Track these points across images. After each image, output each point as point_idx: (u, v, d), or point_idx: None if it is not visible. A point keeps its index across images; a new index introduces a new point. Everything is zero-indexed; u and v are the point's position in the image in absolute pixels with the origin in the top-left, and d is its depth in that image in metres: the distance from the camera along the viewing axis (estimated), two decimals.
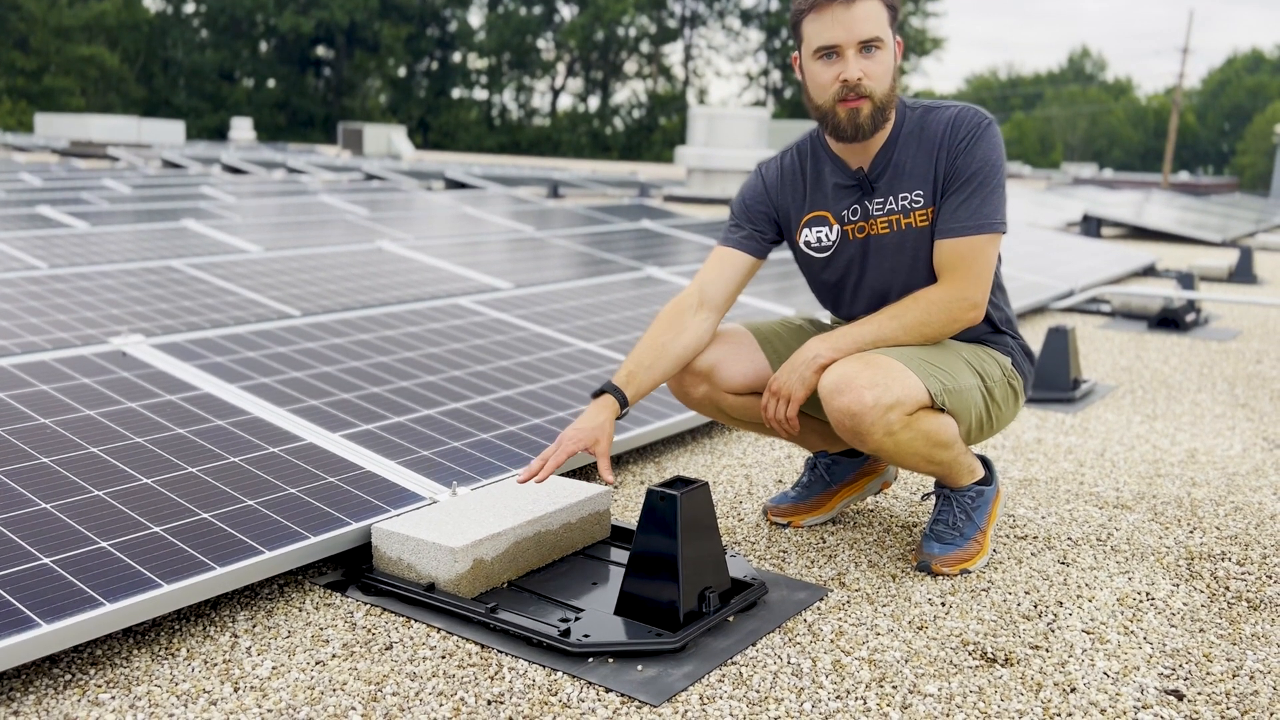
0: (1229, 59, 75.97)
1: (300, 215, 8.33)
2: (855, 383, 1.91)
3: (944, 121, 2.04)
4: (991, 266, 2.03)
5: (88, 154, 24.73)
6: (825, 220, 2.14)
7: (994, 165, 2.01)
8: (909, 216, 2.06)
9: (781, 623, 1.86)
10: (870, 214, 2.09)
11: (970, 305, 2.03)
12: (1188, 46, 39.84)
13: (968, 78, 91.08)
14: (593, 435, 1.96)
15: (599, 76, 66.62)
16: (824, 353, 2.02)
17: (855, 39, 1.93)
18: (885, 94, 1.98)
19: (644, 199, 14.45)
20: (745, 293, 4.51)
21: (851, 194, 2.10)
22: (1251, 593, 2.06)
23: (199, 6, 63.16)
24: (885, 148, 2.06)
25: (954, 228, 2.01)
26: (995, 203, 2.01)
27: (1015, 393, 2.17)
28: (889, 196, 2.07)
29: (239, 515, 1.94)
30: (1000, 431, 2.24)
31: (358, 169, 17.89)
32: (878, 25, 1.94)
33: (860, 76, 1.94)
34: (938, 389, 1.96)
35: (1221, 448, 3.12)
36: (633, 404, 2.07)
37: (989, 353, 2.15)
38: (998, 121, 2.23)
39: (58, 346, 3.18)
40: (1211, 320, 5.78)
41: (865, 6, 1.93)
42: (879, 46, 1.95)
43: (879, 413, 1.90)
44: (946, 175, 2.03)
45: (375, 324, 3.24)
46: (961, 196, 2.01)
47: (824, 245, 2.15)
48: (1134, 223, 11.54)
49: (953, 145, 2.02)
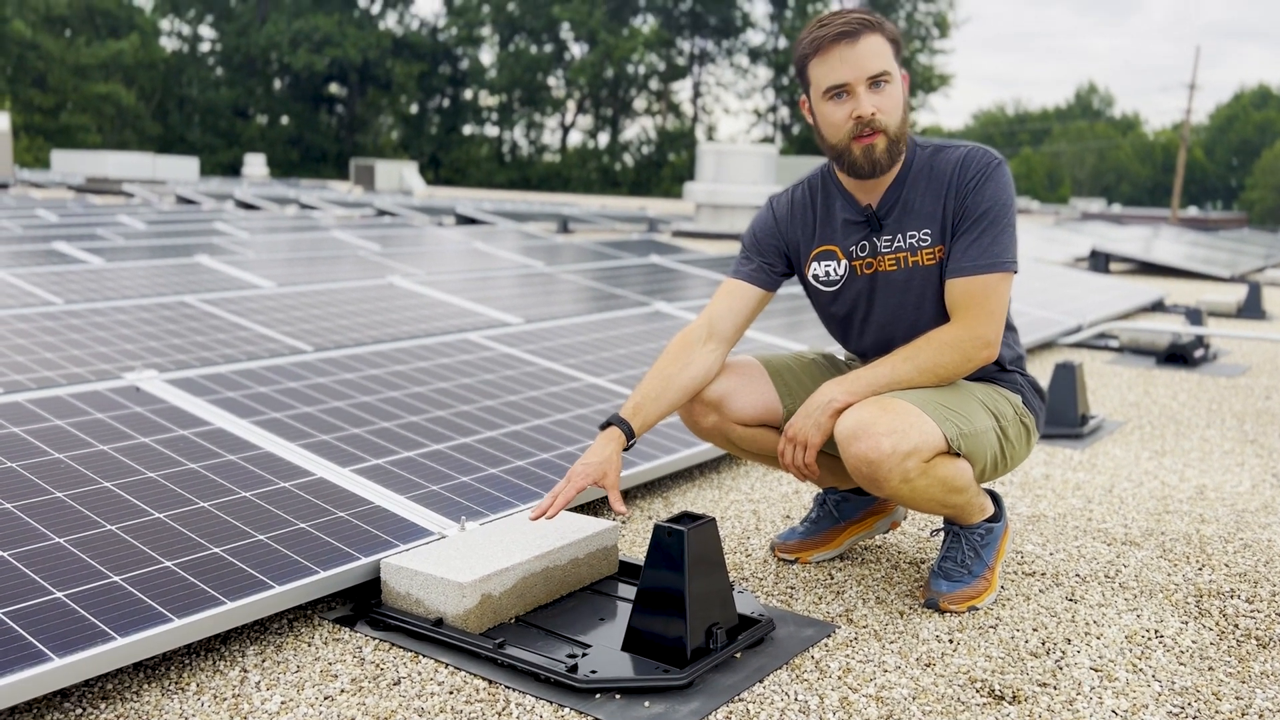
0: (1236, 94, 76.25)
1: (312, 251, 8.40)
2: (873, 430, 1.90)
3: (954, 161, 2.05)
4: (1004, 305, 2.03)
5: (103, 190, 25.00)
6: (833, 255, 2.15)
7: (1004, 205, 2.02)
8: (916, 255, 2.08)
9: (789, 659, 1.86)
10: (878, 251, 2.11)
11: (984, 344, 2.03)
12: (1195, 82, 40.02)
13: (975, 113, 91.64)
14: (600, 469, 1.99)
15: (609, 113, 67.20)
16: (839, 397, 2.02)
17: (864, 75, 1.96)
18: (898, 127, 2.00)
19: (653, 234, 14.53)
20: (754, 327, 4.53)
21: (860, 230, 2.12)
22: (1261, 630, 2.06)
23: (214, 45, 64.07)
24: (894, 185, 2.08)
25: (965, 266, 2.02)
26: (1006, 242, 2.02)
27: (1028, 430, 2.18)
28: (897, 234, 2.08)
29: (250, 550, 1.96)
30: (1013, 469, 2.24)
31: (370, 205, 18.04)
32: (885, 60, 1.97)
33: (874, 111, 1.97)
34: (954, 434, 1.96)
35: (1230, 484, 3.12)
36: (639, 435, 2.09)
37: (1000, 391, 2.15)
38: (1006, 157, 2.26)
39: (72, 382, 3.22)
40: (1220, 356, 5.77)
41: (870, 42, 1.96)
42: (888, 80, 1.98)
43: (896, 460, 1.89)
44: (956, 215, 2.04)
45: (386, 359, 3.26)
46: (972, 236, 2.02)
47: (832, 279, 2.17)
48: (1142, 258, 11.55)
49: (962, 185, 2.03)
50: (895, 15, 61.56)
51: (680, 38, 64.53)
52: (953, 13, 79.11)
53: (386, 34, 63.01)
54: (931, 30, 63.19)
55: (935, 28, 63.21)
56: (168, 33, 63.29)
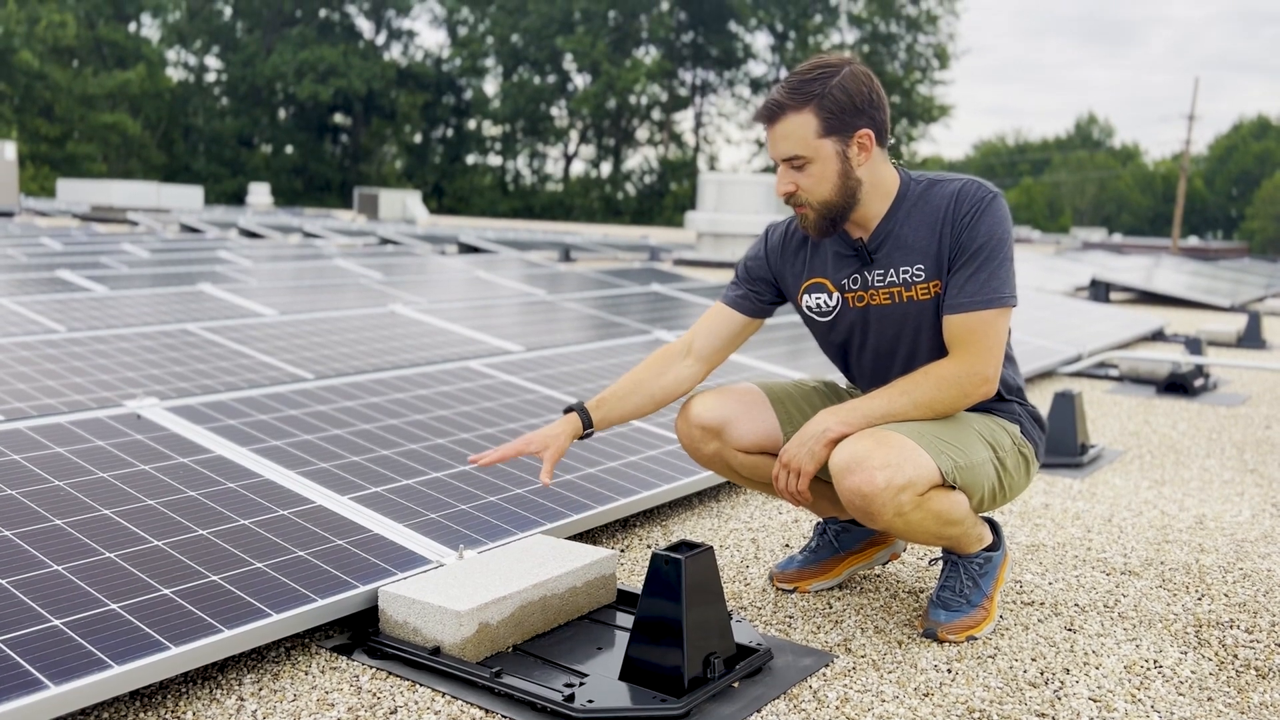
0: (1235, 125, 76.63)
1: (315, 279, 8.44)
2: (867, 463, 1.91)
3: (948, 195, 2.05)
4: (1003, 340, 2.03)
5: (108, 219, 25.14)
6: (824, 287, 2.17)
7: (1000, 239, 2.02)
8: (910, 290, 2.08)
9: (787, 689, 1.86)
10: (870, 284, 2.11)
11: (982, 380, 2.03)
12: (1194, 113, 40.26)
13: (976, 144, 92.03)
14: (544, 441, 2.12)
15: (611, 143, 67.61)
16: (833, 427, 2.03)
17: (779, 157, 2.02)
18: (824, 201, 2.02)
19: (654, 263, 14.58)
20: (756, 356, 4.55)
21: (851, 263, 2.13)
22: (1260, 661, 2.05)
23: (220, 75, 64.63)
24: (886, 219, 2.09)
25: (963, 302, 2.02)
26: (1003, 276, 2.02)
27: (1026, 460, 2.17)
28: (889, 269, 2.09)
29: (248, 578, 1.96)
30: (1013, 500, 2.24)
31: (373, 233, 18.13)
32: (797, 144, 1.98)
33: (790, 190, 2.02)
34: (949, 467, 1.96)
35: (1230, 514, 3.11)
36: (599, 428, 2.20)
37: (998, 422, 2.15)
38: (1007, 187, 2.28)
39: (73, 409, 3.23)
40: (1220, 385, 5.77)
41: (784, 126, 1.99)
42: (804, 161, 2.00)
43: (890, 494, 1.90)
44: (952, 250, 2.04)
45: (386, 387, 3.27)
46: (969, 271, 2.02)
47: (824, 310, 2.19)
48: (1143, 287, 11.58)
49: (957, 219, 2.03)
50: (895, 46, 62.10)
51: (682, 69, 65.06)
52: (952, 44, 79.68)
53: (391, 64, 63.55)
54: (932, 61, 63.67)
55: (935, 59, 63.69)
56: (174, 63, 63.89)
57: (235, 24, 63.46)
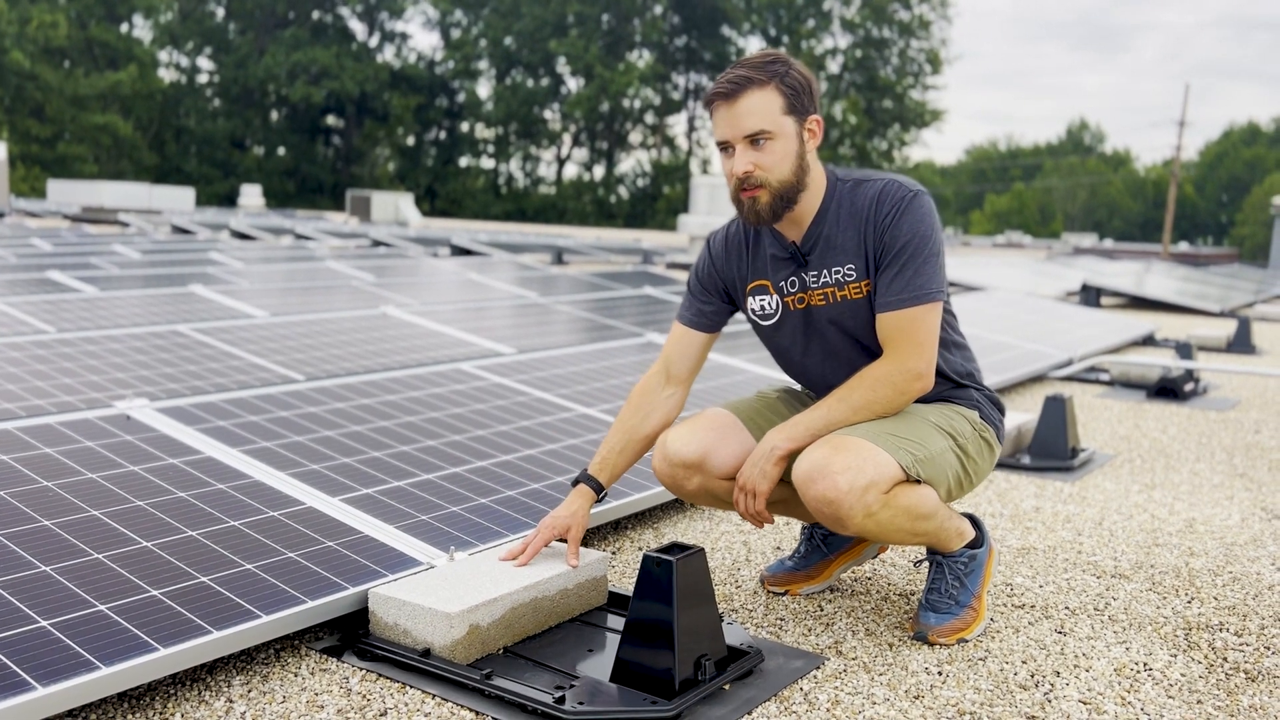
0: (1226, 132, 77.04)
1: (307, 281, 8.42)
2: (828, 469, 1.92)
3: (870, 197, 2.06)
4: (934, 335, 2.04)
5: (99, 220, 25.05)
6: (766, 290, 2.18)
7: (923, 236, 2.02)
8: (844, 289, 2.09)
9: (777, 691, 1.86)
10: (807, 286, 2.12)
11: (915, 376, 2.04)
12: (1185, 119, 40.44)
13: (968, 149, 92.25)
14: (566, 523, 2.14)
15: (604, 146, 67.66)
16: (780, 444, 2.04)
17: (741, 134, 1.98)
18: (783, 180, 2.00)
19: (647, 266, 14.59)
20: (736, 356, 4.55)
21: (787, 266, 2.14)
22: (1250, 664, 2.05)
23: (212, 77, 64.50)
24: (816, 221, 2.09)
25: (890, 301, 2.03)
26: (929, 272, 2.02)
27: (988, 444, 2.19)
28: (822, 269, 2.10)
29: (237, 579, 1.95)
30: (979, 484, 2.24)
31: (365, 235, 18.10)
32: (763, 118, 1.97)
33: (749, 169, 1.98)
34: (909, 461, 1.97)
35: (1220, 517, 3.12)
36: (608, 487, 2.20)
37: (955, 410, 2.16)
38: (998, 192, 2.28)
39: (62, 410, 3.21)
40: (1210, 390, 5.79)
41: (749, 100, 1.96)
42: (768, 137, 1.98)
43: (855, 495, 1.90)
44: (877, 250, 2.05)
45: (377, 388, 3.27)
46: (894, 270, 2.03)
47: (768, 313, 2.20)
48: (1133, 292, 11.62)
49: (879, 220, 2.04)
50: (888, 51, 62.24)
51: (675, 72, 65.16)
52: (945, 49, 79.87)
53: (384, 67, 63.49)
54: (924, 66, 63.84)
55: (928, 64, 63.88)
56: (166, 64, 63.75)
57: (228, 25, 63.39)
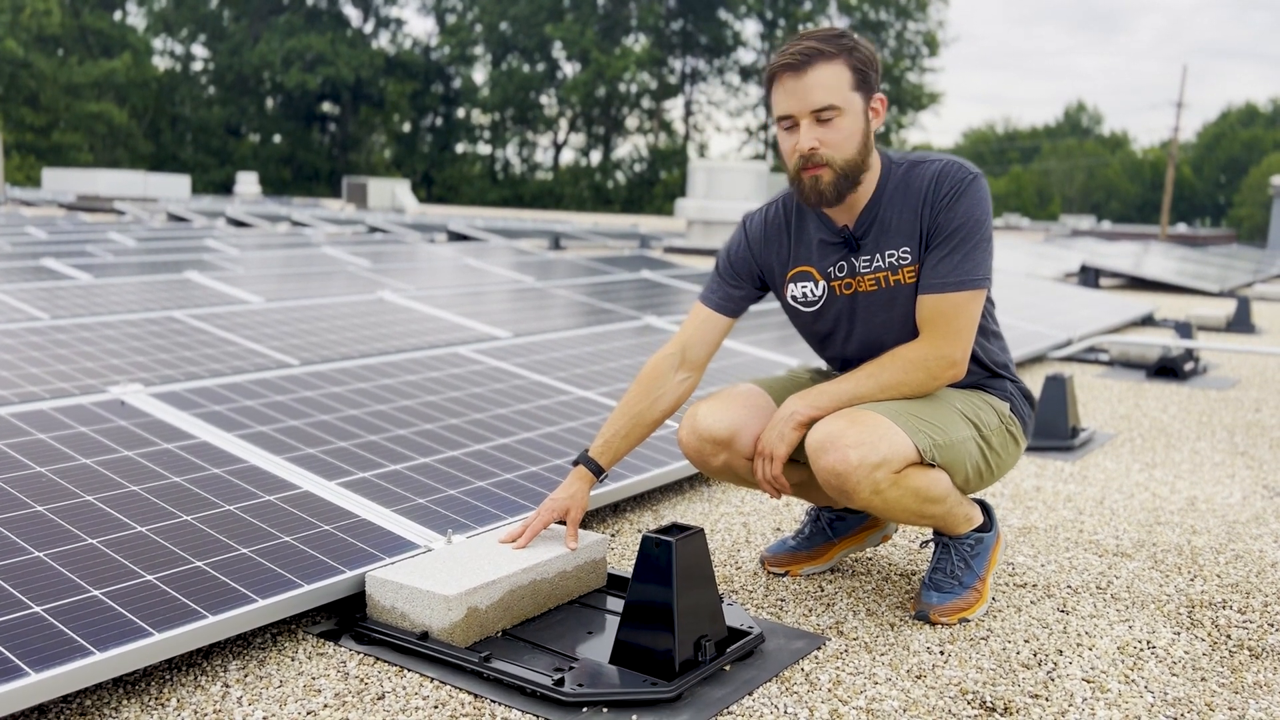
0: (1224, 113, 76.81)
1: (303, 267, 8.38)
2: (840, 441, 1.89)
3: (929, 176, 2.02)
4: (974, 322, 2.01)
5: (94, 208, 24.97)
6: (810, 276, 2.12)
7: (978, 220, 1.98)
8: (897, 273, 2.04)
9: (778, 672, 1.84)
10: (857, 271, 2.07)
11: (949, 363, 2.01)
12: (1182, 101, 40.31)
13: (965, 131, 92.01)
14: (565, 505, 2.11)
15: (601, 131, 67.44)
16: (801, 410, 2.01)
17: (808, 109, 1.92)
18: (848, 159, 1.95)
19: (645, 250, 14.55)
20: (747, 343, 4.53)
21: (837, 251, 2.08)
22: (1253, 641, 2.04)
23: (207, 64, 64.21)
24: (871, 204, 2.05)
25: (935, 283, 1.99)
26: (978, 258, 1.99)
27: (1015, 438, 2.15)
28: (875, 254, 2.05)
29: (233, 563, 1.93)
30: (1000, 478, 2.21)
31: (361, 222, 18.04)
32: (832, 92, 1.91)
33: (814, 146, 1.93)
34: (927, 445, 1.94)
35: (1221, 495, 3.11)
36: (608, 469, 2.15)
37: (986, 399, 2.13)
38: (995, 175, 2.25)
39: (56, 396, 3.19)
40: (1210, 369, 5.78)
41: (819, 74, 1.91)
42: (836, 113, 1.92)
43: (865, 471, 1.88)
44: (930, 230, 2.01)
45: (374, 373, 3.24)
46: (944, 252, 1.99)
47: (810, 300, 2.14)
48: (1132, 273, 11.60)
49: (936, 200, 2.00)
50: (885, 33, 61.99)
51: (672, 56, 64.88)
52: (942, 31, 79.62)
53: (379, 53, 63.24)
54: (921, 49, 63.60)
55: (925, 46, 63.63)
56: (160, 52, 63.47)
57: (222, 12, 63.04)
